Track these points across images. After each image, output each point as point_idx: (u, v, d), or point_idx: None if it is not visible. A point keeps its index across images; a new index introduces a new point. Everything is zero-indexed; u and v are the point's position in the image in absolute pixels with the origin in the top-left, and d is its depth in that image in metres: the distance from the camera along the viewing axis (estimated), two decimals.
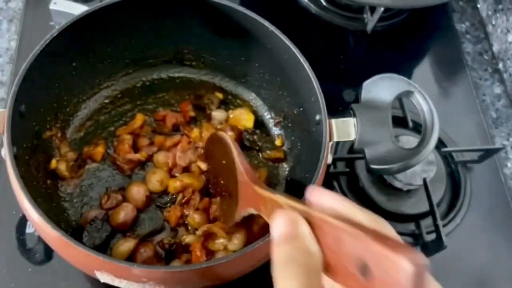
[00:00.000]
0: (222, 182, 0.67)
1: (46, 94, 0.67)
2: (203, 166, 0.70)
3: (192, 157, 0.70)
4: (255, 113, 0.78)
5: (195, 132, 0.74)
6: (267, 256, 0.56)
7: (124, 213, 0.66)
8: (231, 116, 0.77)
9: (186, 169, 0.71)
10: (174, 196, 0.68)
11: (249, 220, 0.60)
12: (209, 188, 0.70)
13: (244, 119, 0.76)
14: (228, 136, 0.63)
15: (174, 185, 0.69)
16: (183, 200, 0.67)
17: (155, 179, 0.69)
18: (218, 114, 0.76)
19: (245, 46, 0.72)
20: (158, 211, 0.68)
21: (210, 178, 0.70)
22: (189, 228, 0.67)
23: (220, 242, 0.63)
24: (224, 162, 0.65)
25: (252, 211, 0.54)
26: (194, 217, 0.66)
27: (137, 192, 0.68)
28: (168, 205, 0.69)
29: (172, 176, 0.70)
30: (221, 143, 0.64)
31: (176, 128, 0.75)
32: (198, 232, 0.64)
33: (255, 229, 0.62)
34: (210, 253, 0.63)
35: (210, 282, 0.56)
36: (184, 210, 0.67)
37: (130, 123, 0.74)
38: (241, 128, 0.75)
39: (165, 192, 0.69)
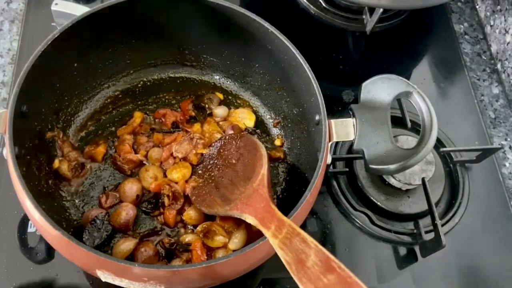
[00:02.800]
0: (216, 173, 0.68)
1: (48, 94, 0.67)
2: (205, 151, 0.71)
3: (188, 147, 0.71)
4: (255, 113, 0.78)
5: (196, 126, 0.75)
6: (267, 256, 0.56)
7: (125, 213, 0.66)
8: (233, 115, 0.77)
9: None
10: (160, 201, 0.68)
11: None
12: (197, 168, 0.70)
13: (246, 118, 0.77)
14: (264, 148, 0.66)
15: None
16: (171, 201, 0.67)
17: (149, 176, 0.69)
18: (220, 111, 0.77)
19: (245, 46, 0.73)
20: (148, 218, 0.68)
21: (206, 161, 0.71)
22: (188, 226, 0.67)
23: (219, 238, 0.64)
24: (234, 162, 0.67)
25: (250, 219, 0.57)
26: (190, 214, 0.67)
27: (130, 188, 0.68)
28: (154, 210, 0.68)
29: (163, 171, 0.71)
30: (250, 149, 0.66)
31: (175, 126, 0.75)
32: (198, 229, 0.65)
33: (256, 229, 0.62)
34: (210, 252, 0.64)
35: (211, 281, 0.56)
36: (177, 203, 0.67)
37: (129, 122, 0.75)
38: (242, 127, 0.75)
39: (150, 195, 0.69)
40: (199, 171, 0.70)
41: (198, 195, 0.67)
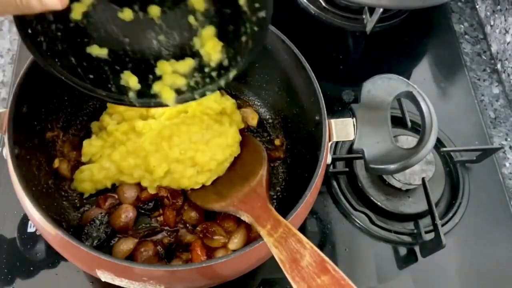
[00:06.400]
0: None
1: (48, 94, 0.67)
2: None
3: None
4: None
5: None
6: (266, 256, 0.56)
7: (125, 215, 0.66)
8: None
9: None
10: (159, 202, 0.68)
11: None
12: None
13: (249, 117, 0.77)
14: (264, 149, 0.67)
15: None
16: (170, 202, 0.67)
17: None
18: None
19: None
20: (148, 218, 0.68)
21: None
22: (188, 225, 0.67)
23: (219, 238, 0.64)
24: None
25: (245, 217, 0.57)
26: (190, 214, 0.67)
27: (128, 189, 0.68)
28: (154, 211, 0.68)
29: None
30: (249, 149, 0.68)
31: None
32: (198, 229, 0.65)
33: (255, 229, 0.62)
34: (210, 252, 0.64)
35: (210, 281, 0.56)
36: (177, 201, 0.67)
37: None
38: (243, 126, 0.75)
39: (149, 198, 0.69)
40: None
41: (194, 189, 0.67)
